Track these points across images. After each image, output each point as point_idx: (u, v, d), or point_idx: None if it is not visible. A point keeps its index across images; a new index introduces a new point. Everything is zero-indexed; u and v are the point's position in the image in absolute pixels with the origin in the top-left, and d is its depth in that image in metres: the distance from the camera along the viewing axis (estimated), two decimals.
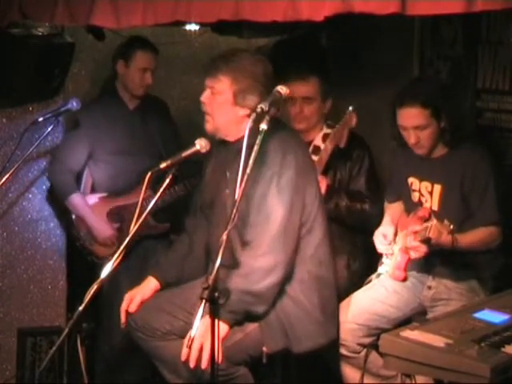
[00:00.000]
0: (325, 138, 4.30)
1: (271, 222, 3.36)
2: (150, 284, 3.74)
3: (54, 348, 3.24)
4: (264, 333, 3.46)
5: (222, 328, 3.26)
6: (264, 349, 3.46)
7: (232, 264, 3.43)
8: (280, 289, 3.45)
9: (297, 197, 3.42)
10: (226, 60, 3.49)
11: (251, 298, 3.36)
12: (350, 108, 4.21)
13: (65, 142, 4.68)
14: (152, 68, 4.60)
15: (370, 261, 4.27)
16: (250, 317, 3.44)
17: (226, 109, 3.48)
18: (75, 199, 4.60)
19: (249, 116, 3.30)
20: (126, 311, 3.67)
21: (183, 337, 3.39)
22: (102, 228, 4.61)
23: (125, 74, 4.61)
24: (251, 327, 3.45)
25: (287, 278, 3.45)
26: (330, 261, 3.62)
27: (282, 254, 3.38)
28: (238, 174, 3.01)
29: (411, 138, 3.79)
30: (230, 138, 3.56)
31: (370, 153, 4.38)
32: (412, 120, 3.76)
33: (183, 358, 3.27)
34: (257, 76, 3.46)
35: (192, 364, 3.26)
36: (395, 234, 3.96)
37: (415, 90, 3.79)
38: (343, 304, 3.89)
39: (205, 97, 3.52)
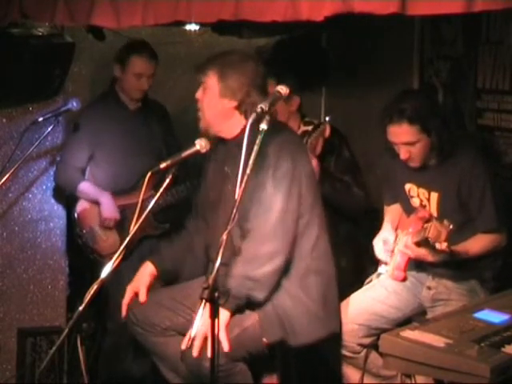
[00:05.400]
0: (302, 135, 4.34)
1: (270, 211, 3.43)
2: (147, 269, 3.73)
3: (54, 348, 3.25)
4: (262, 324, 3.49)
5: (224, 315, 3.33)
6: (264, 339, 3.49)
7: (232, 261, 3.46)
8: (279, 277, 3.49)
9: (293, 187, 3.47)
10: (215, 57, 3.59)
11: (251, 283, 3.41)
12: (327, 118, 4.33)
13: (67, 145, 4.69)
14: (148, 74, 4.59)
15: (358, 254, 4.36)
16: (251, 304, 3.47)
17: (214, 102, 3.53)
18: (84, 186, 4.61)
19: (236, 108, 3.50)
20: (127, 305, 3.65)
21: (183, 333, 3.42)
22: (111, 207, 4.58)
23: (121, 78, 4.62)
24: (249, 322, 3.48)
25: (286, 268, 3.50)
26: (329, 254, 3.65)
27: (281, 241, 3.45)
28: (237, 170, 3.01)
29: (402, 153, 3.78)
30: (224, 135, 3.60)
31: (347, 142, 4.51)
32: (401, 137, 3.74)
33: (184, 346, 3.30)
34: (244, 70, 3.51)
35: (195, 353, 3.29)
36: (395, 241, 3.96)
37: (401, 105, 3.71)
38: (343, 304, 3.87)
39: (198, 93, 3.60)
